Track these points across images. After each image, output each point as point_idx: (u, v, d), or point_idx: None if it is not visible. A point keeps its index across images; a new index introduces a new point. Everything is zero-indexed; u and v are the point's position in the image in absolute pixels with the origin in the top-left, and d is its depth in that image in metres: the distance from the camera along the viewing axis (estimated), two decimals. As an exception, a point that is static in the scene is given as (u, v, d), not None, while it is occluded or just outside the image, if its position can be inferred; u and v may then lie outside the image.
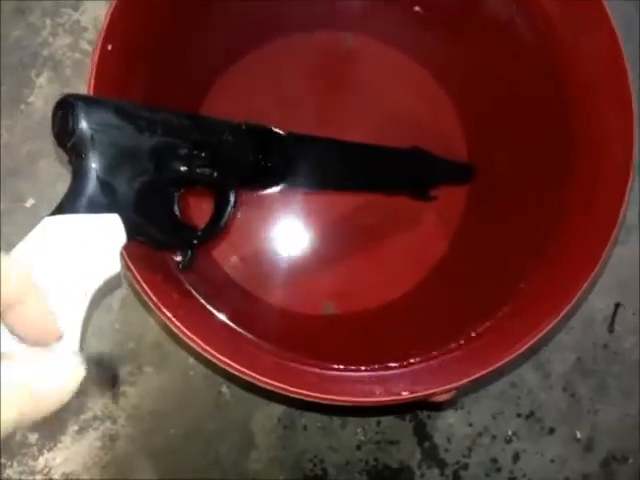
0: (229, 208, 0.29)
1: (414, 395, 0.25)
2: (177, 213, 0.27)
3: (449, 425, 0.46)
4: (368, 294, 0.40)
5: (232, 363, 0.25)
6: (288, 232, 0.41)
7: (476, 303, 0.34)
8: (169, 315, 0.25)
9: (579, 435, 0.47)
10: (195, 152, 0.26)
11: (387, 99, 0.39)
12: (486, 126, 0.36)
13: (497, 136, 0.36)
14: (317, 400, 0.27)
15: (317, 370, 0.29)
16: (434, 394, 0.26)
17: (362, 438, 0.45)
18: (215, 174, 0.28)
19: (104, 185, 0.23)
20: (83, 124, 0.22)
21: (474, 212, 0.39)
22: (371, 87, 0.40)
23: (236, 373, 0.27)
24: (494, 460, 0.46)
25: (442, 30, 0.34)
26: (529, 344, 0.26)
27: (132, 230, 0.23)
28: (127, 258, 0.26)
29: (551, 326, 0.27)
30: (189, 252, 0.28)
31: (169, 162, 0.25)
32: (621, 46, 0.25)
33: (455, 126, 0.37)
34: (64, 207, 0.22)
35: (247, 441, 0.43)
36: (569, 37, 0.27)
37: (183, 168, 0.26)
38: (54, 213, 0.21)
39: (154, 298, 0.25)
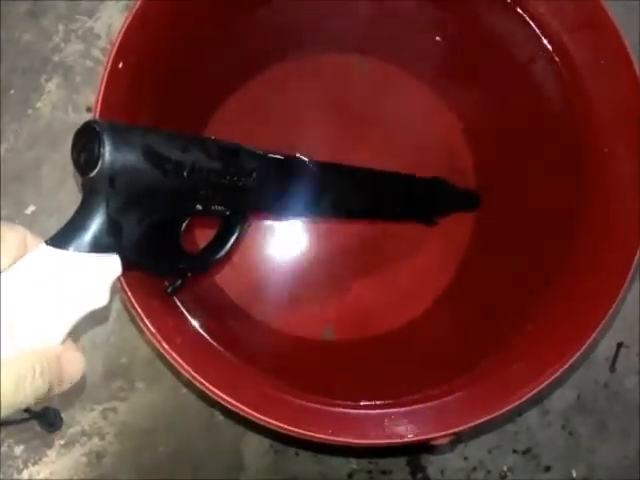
0: (233, 238, 0.27)
1: (412, 439, 0.24)
2: (181, 244, 0.26)
3: (443, 458, 0.45)
4: (370, 321, 0.40)
5: (225, 397, 0.25)
6: (292, 254, 0.40)
7: (480, 340, 0.33)
8: (166, 346, 0.24)
9: (575, 474, 0.46)
10: (215, 192, 0.25)
11: (400, 126, 0.38)
12: (498, 160, 0.35)
13: (508, 171, 0.35)
14: (307, 437, 0.27)
15: (312, 405, 0.28)
16: (433, 439, 0.25)
17: (354, 466, 0.44)
18: (228, 210, 0.27)
19: (112, 225, 0.21)
20: (107, 162, 0.21)
21: (481, 244, 0.38)
22: (384, 113, 0.40)
23: (227, 405, 0.26)
24: (488, 496, 0.46)
25: (460, 62, 0.34)
26: (534, 391, 0.26)
27: (129, 264, 0.22)
28: (123, 283, 0.25)
29: (557, 374, 0.26)
30: (179, 281, 0.27)
31: (187, 202, 0.24)
32: None
33: (466, 156, 0.37)
34: (65, 240, 0.21)
35: (237, 464, 0.42)
36: (590, 82, 0.27)
37: (199, 207, 0.25)
38: (54, 243, 0.20)
39: (151, 328, 0.24)
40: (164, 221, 0.24)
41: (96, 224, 0.21)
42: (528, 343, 0.28)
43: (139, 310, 0.25)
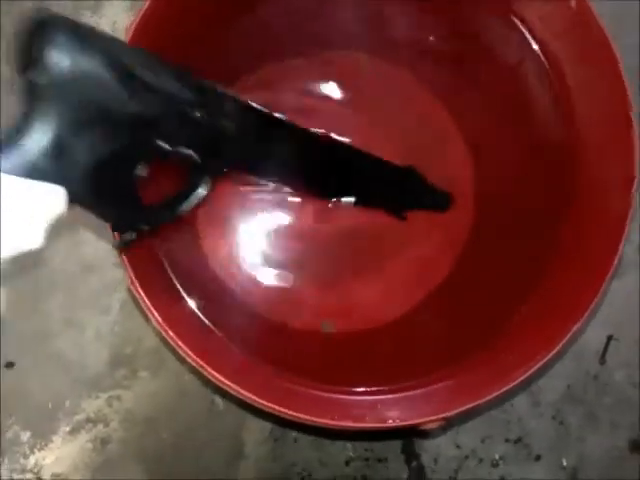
0: (199, 192, 0.24)
1: (403, 423, 0.26)
2: (136, 190, 0.22)
3: (437, 446, 0.47)
4: (368, 313, 0.41)
5: (228, 382, 0.26)
6: (291, 248, 0.42)
7: (473, 331, 0.34)
8: (172, 335, 0.26)
9: (565, 463, 0.48)
10: (186, 129, 0.21)
11: (397, 122, 0.39)
12: (492, 161, 0.36)
13: (502, 172, 0.36)
14: (307, 422, 0.28)
15: (311, 391, 0.29)
16: (424, 423, 0.26)
17: (351, 454, 0.46)
18: (197, 156, 0.23)
19: (57, 147, 0.17)
20: (54, 58, 0.16)
21: (478, 239, 0.39)
22: (380, 107, 0.41)
23: (230, 391, 0.27)
24: (480, 483, 0.47)
25: (453, 62, 0.35)
26: (521, 378, 0.27)
27: (75, 201, 0.19)
28: (132, 275, 0.26)
29: (544, 361, 0.27)
30: (133, 234, 0.24)
31: (150, 135, 0.20)
32: (629, 97, 0.25)
33: (462, 156, 0.38)
34: None
35: (237, 451, 0.44)
36: (576, 84, 0.28)
37: (164, 144, 0.21)
38: None
39: (158, 317, 0.25)
40: (119, 157, 0.20)
41: (37, 147, 0.17)
42: (517, 333, 0.30)
43: (146, 300, 0.26)
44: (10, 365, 0.42)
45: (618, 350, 0.49)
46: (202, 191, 0.24)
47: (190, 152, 0.22)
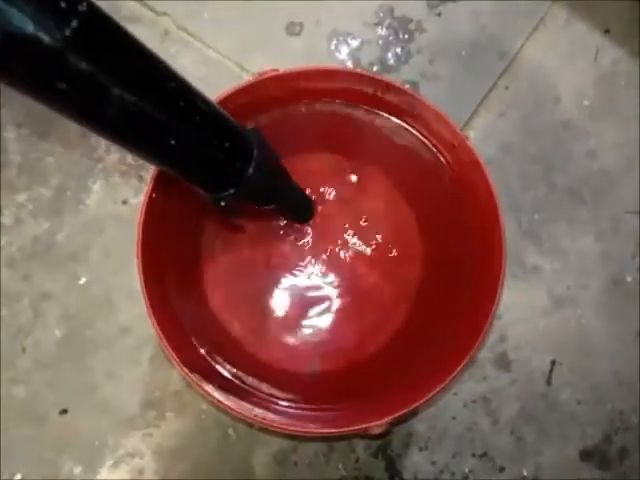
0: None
1: (353, 429, 0.36)
2: None
3: (416, 463, 0.55)
4: (345, 355, 0.51)
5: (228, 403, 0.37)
6: (285, 303, 0.52)
7: (422, 362, 0.45)
8: (188, 373, 0.37)
9: (525, 473, 0.56)
10: None
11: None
12: (434, 237, 0.49)
13: (441, 244, 0.49)
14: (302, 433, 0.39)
15: (302, 412, 0.40)
16: (369, 428, 0.37)
17: (343, 473, 0.55)
18: None
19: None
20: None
21: (425, 294, 0.51)
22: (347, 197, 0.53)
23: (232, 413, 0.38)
24: (455, 494, 0.56)
25: (397, 165, 0.48)
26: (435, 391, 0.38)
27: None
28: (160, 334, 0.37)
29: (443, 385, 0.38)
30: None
31: None
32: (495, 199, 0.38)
33: (414, 232, 0.51)
34: None
35: (248, 474, 0.53)
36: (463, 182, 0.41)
37: None
38: None
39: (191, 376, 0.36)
40: None
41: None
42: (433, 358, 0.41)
43: (172, 352, 0.37)
44: (64, 412, 0.53)
45: (561, 372, 0.58)
46: None
47: None
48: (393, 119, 0.44)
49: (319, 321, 0.52)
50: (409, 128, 0.43)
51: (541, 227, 0.60)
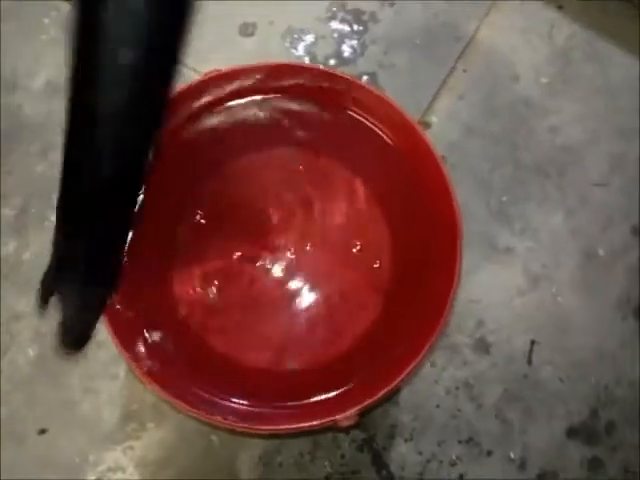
0: None
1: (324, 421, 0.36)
2: None
3: (402, 454, 0.55)
4: (322, 350, 0.51)
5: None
6: (260, 306, 0.52)
7: (393, 352, 0.45)
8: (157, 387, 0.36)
9: (512, 455, 0.56)
10: None
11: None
12: (402, 231, 0.49)
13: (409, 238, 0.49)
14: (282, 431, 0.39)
15: (278, 411, 0.40)
16: (337, 420, 0.36)
17: (330, 470, 0.54)
18: None
19: None
20: None
21: (396, 287, 0.51)
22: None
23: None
24: (444, 482, 0.55)
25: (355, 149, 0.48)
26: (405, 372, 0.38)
27: None
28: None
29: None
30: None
31: None
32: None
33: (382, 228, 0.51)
34: None
35: (234, 478, 0.53)
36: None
37: None
38: None
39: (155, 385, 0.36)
40: None
41: None
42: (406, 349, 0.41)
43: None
44: (43, 432, 0.52)
45: (541, 351, 0.57)
46: None
47: None
48: (339, 108, 0.43)
49: (289, 320, 0.52)
50: (356, 116, 0.43)
51: (511, 207, 0.60)
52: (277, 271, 0.52)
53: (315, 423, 0.36)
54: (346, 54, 0.59)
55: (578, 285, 0.58)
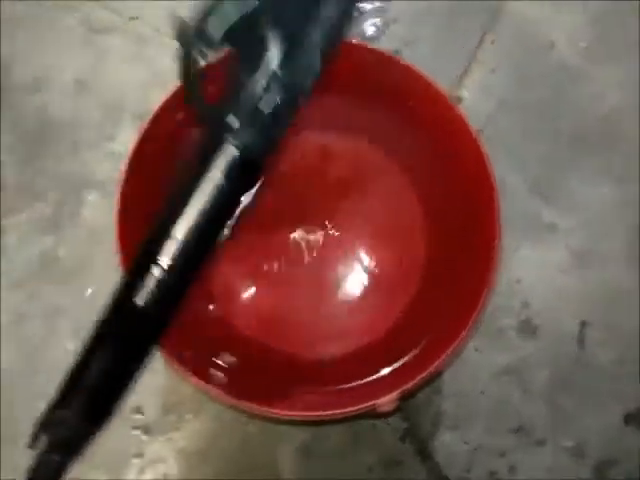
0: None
1: (366, 406, 0.34)
2: None
3: (447, 444, 0.53)
4: (360, 335, 0.50)
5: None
6: (296, 295, 0.51)
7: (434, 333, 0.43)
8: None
9: (567, 444, 0.52)
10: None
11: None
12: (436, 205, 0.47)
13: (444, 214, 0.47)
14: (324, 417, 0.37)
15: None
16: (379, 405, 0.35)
17: (371, 461, 0.52)
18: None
19: None
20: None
21: (431, 264, 0.49)
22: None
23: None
24: (493, 473, 0.52)
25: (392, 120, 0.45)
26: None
27: None
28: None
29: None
30: None
31: None
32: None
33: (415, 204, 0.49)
34: None
35: (272, 468, 0.51)
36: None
37: None
38: None
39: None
40: None
41: None
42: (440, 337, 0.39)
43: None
44: (85, 425, 0.53)
45: (593, 333, 0.54)
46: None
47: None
48: (367, 84, 0.42)
49: (325, 307, 0.50)
50: (386, 92, 0.41)
51: (551, 182, 0.57)
52: (312, 254, 0.51)
53: (353, 408, 0.35)
54: (369, 32, 0.58)
55: (628, 260, 0.55)
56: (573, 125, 0.56)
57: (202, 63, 0.28)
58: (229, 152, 0.27)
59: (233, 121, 0.26)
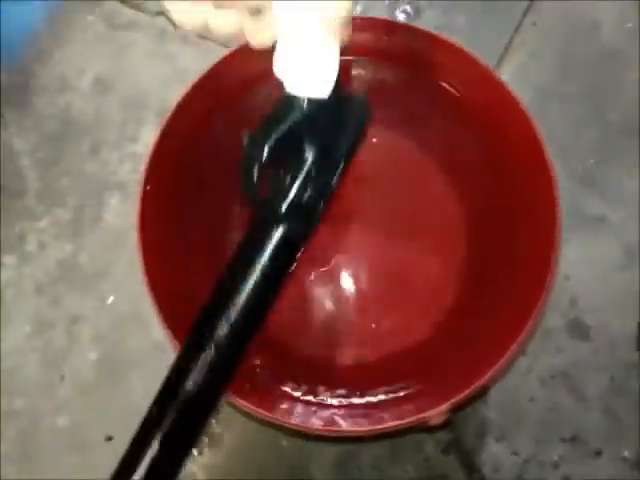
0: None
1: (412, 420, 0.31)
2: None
3: (494, 456, 0.49)
4: (395, 340, 0.46)
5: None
6: (329, 297, 0.47)
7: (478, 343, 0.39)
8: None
9: (626, 454, 0.48)
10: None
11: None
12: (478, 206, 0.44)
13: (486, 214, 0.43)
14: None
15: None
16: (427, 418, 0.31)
17: (412, 474, 0.49)
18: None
19: None
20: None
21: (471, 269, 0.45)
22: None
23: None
24: (546, 486, 0.48)
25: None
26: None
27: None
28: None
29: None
30: None
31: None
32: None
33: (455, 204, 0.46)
34: None
35: (306, 478, 0.48)
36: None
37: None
38: None
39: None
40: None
41: None
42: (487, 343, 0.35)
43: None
44: (110, 439, 0.50)
45: (651, 335, 0.50)
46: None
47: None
48: (398, 66, 0.38)
49: (359, 310, 0.47)
50: (420, 72, 0.38)
51: (600, 173, 0.53)
52: (341, 253, 0.48)
53: (402, 422, 0.31)
54: (400, 19, 0.55)
55: (689, 256, 0.51)
56: (622, 112, 0.52)
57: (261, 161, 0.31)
58: (276, 235, 0.31)
59: (281, 210, 0.31)
